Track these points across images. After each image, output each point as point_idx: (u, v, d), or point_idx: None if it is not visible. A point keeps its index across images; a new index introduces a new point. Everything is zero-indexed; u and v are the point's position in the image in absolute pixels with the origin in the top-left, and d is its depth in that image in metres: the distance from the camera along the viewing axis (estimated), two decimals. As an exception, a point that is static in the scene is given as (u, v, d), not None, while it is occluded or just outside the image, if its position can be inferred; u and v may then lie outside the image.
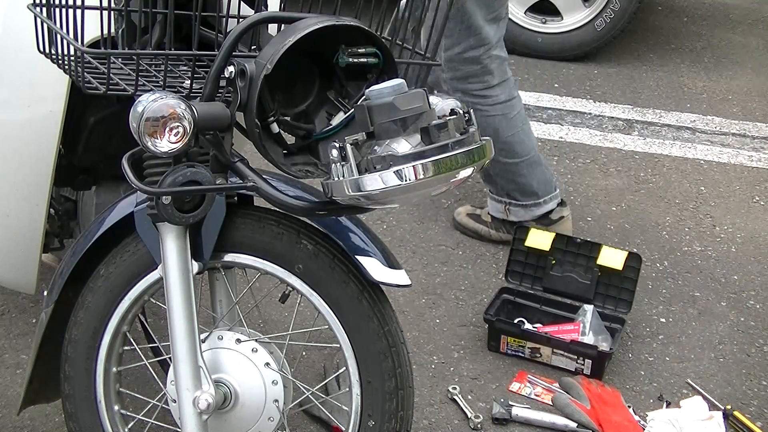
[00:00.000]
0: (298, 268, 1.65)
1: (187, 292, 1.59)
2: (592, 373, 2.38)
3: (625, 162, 3.55)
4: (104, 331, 1.72)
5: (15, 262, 2.02)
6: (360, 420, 1.69)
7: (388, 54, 1.51)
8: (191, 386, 1.59)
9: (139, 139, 1.37)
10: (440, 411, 2.28)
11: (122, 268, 1.69)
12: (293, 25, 1.45)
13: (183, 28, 1.74)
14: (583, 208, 3.20)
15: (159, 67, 1.62)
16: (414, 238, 3.00)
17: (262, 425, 1.70)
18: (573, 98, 4.09)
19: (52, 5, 1.53)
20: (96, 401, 1.75)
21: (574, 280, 2.58)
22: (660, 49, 4.66)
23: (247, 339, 1.70)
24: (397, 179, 1.31)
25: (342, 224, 1.67)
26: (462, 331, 2.57)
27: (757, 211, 3.25)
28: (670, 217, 3.17)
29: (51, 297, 1.72)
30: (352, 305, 1.64)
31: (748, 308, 2.71)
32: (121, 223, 1.68)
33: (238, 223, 1.65)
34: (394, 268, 1.65)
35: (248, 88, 1.43)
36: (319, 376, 2.33)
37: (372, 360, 1.66)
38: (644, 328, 2.61)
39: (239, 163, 1.50)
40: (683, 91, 4.22)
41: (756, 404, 2.34)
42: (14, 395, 2.24)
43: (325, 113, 1.57)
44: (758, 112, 4.03)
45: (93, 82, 1.50)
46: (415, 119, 1.34)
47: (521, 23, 4.43)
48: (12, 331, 2.48)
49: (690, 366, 2.46)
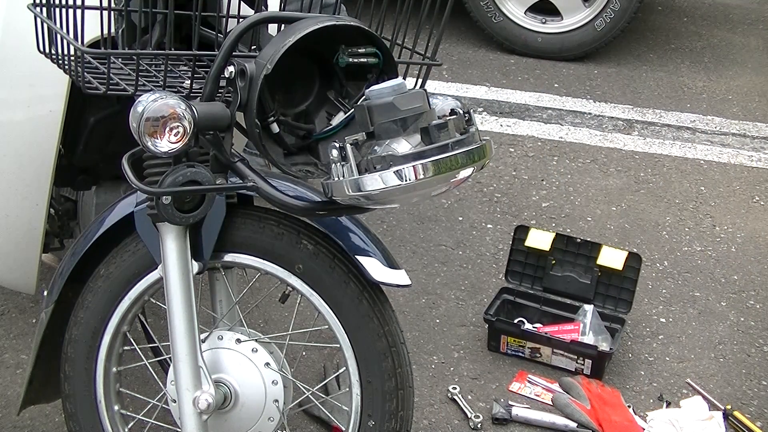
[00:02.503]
0: (298, 268, 1.65)
1: (187, 292, 1.59)
2: (592, 373, 2.38)
3: (625, 162, 3.55)
4: (104, 331, 1.72)
5: (15, 262, 2.02)
6: (360, 420, 1.69)
7: (388, 54, 1.51)
8: (191, 386, 1.59)
9: (139, 139, 1.37)
10: (440, 411, 2.28)
11: (122, 268, 1.69)
12: (293, 25, 1.45)
13: (183, 28, 1.75)
14: (583, 208, 3.20)
15: (159, 67, 1.62)
16: (414, 238, 3.00)
17: (262, 425, 1.70)
18: (573, 98, 4.09)
19: (52, 5, 1.53)
20: (96, 401, 1.75)
21: (574, 280, 2.58)
22: (660, 49, 4.67)
23: (247, 339, 1.70)
24: (397, 179, 1.31)
25: (342, 224, 1.67)
26: (462, 331, 2.57)
27: (757, 211, 3.25)
28: (670, 217, 3.17)
29: (51, 297, 1.72)
30: (352, 305, 1.64)
31: (748, 308, 2.71)
32: (121, 223, 1.68)
33: (238, 223, 1.65)
34: (394, 268, 1.65)
35: (248, 88, 1.43)
36: (319, 376, 2.33)
37: (372, 360, 1.66)
38: (644, 328, 2.61)
39: (239, 163, 1.50)
40: (683, 91, 4.22)
41: (756, 404, 2.34)
42: (14, 395, 2.24)
43: (325, 113, 1.57)
44: (758, 112, 4.03)
45: (93, 82, 1.50)
46: (415, 119, 1.34)
47: (521, 23, 4.43)
48: (12, 331, 2.48)
49: (690, 366, 2.46)
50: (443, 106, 1.41)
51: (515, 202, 3.20)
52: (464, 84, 4.20)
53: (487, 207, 3.19)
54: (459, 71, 4.32)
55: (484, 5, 4.42)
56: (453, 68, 4.34)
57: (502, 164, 3.39)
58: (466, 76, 4.27)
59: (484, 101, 4.03)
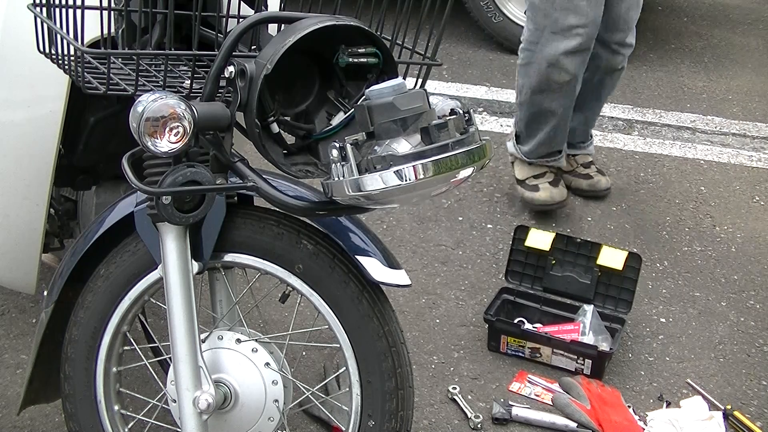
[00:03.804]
0: (298, 268, 1.65)
1: (187, 292, 1.59)
2: (592, 373, 2.38)
3: (625, 162, 3.55)
4: (104, 331, 1.72)
5: (15, 262, 2.01)
6: (360, 420, 1.69)
7: (388, 54, 1.51)
8: (191, 386, 1.59)
9: (139, 139, 1.37)
10: (440, 411, 2.28)
11: (122, 268, 1.69)
12: (293, 25, 1.45)
13: (183, 28, 1.75)
14: (583, 208, 3.20)
15: (159, 67, 1.62)
16: (414, 238, 3.00)
17: (262, 425, 1.70)
18: (573, 98, 4.09)
19: (52, 5, 1.53)
20: (96, 401, 1.75)
21: (574, 280, 2.58)
22: (660, 49, 4.67)
23: (247, 339, 1.70)
24: (397, 179, 1.31)
25: (342, 224, 1.67)
26: (462, 331, 2.57)
27: (757, 211, 3.25)
28: (670, 217, 3.17)
29: (51, 297, 1.72)
30: (352, 305, 1.64)
31: (748, 308, 2.71)
32: (121, 223, 1.68)
33: (238, 223, 1.65)
34: (394, 268, 1.65)
35: (248, 88, 1.43)
36: (319, 376, 2.33)
37: (372, 360, 1.66)
38: (644, 328, 2.61)
39: (239, 163, 1.50)
40: (683, 91, 4.22)
41: (756, 404, 2.34)
42: (14, 395, 2.24)
43: (325, 113, 1.57)
44: (758, 112, 4.03)
45: (93, 82, 1.50)
46: (415, 119, 1.34)
47: (521, 23, 4.41)
48: (12, 331, 2.48)
49: (690, 366, 2.47)
50: (443, 106, 1.41)
51: (515, 202, 3.20)
52: (464, 84, 4.20)
53: (487, 207, 3.19)
54: (459, 71, 4.32)
55: (484, 5, 4.42)
56: (453, 68, 4.34)
57: (502, 164, 3.39)
58: (466, 76, 4.27)
59: (484, 101, 4.03)
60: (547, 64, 2.81)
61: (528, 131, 3.04)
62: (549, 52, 2.80)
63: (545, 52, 2.80)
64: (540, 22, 2.80)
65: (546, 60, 2.81)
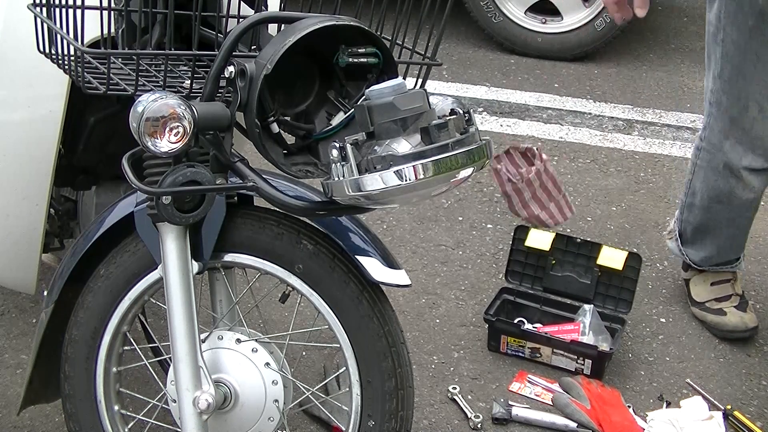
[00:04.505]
0: (298, 268, 1.65)
1: (187, 292, 1.59)
2: (592, 373, 2.38)
3: (625, 162, 3.55)
4: (104, 331, 1.72)
5: (15, 262, 2.01)
6: (360, 420, 1.69)
7: (388, 54, 1.51)
8: (191, 386, 1.59)
9: (139, 139, 1.37)
10: (440, 411, 2.28)
11: (122, 268, 1.69)
12: (293, 25, 1.45)
13: (183, 28, 1.74)
14: (583, 208, 3.20)
15: (159, 67, 1.62)
16: (414, 238, 3.00)
17: (262, 425, 1.70)
18: (573, 98, 4.09)
19: (52, 5, 1.53)
20: (96, 401, 1.75)
21: (574, 280, 2.58)
22: (660, 49, 4.66)
23: (247, 339, 1.70)
24: (397, 179, 1.31)
25: (342, 224, 1.67)
26: (462, 331, 2.57)
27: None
28: (671, 217, 3.17)
29: (51, 297, 1.72)
30: (352, 305, 1.64)
31: (748, 308, 2.71)
32: (121, 223, 1.68)
33: (238, 223, 1.65)
34: (394, 268, 1.65)
35: (248, 88, 1.43)
36: (319, 376, 2.33)
37: (372, 360, 1.66)
38: (644, 328, 2.61)
39: (239, 163, 1.50)
40: (683, 91, 4.22)
41: (756, 404, 2.34)
42: (14, 395, 2.24)
43: (325, 113, 1.57)
44: (758, 112, 4.03)
45: (93, 82, 1.50)
46: (415, 119, 1.35)
47: (521, 23, 4.43)
48: (12, 331, 2.48)
49: (690, 366, 2.46)
50: (443, 106, 1.41)
51: (515, 202, 3.19)
52: (464, 84, 4.20)
53: (487, 207, 3.19)
54: (459, 71, 4.32)
55: (484, 5, 4.42)
56: (453, 68, 4.34)
57: (502, 164, 3.39)
58: (466, 76, 4.27)
59: (484, 101, 4.03)
60: (731, 175, 2.45)
61: (701, 237, 2.65)
62: (734, 163, 2.42)
63: (729, 158, 2.42)
64: (725, 125, 2.40)
65: (730, 170, 2.44)
